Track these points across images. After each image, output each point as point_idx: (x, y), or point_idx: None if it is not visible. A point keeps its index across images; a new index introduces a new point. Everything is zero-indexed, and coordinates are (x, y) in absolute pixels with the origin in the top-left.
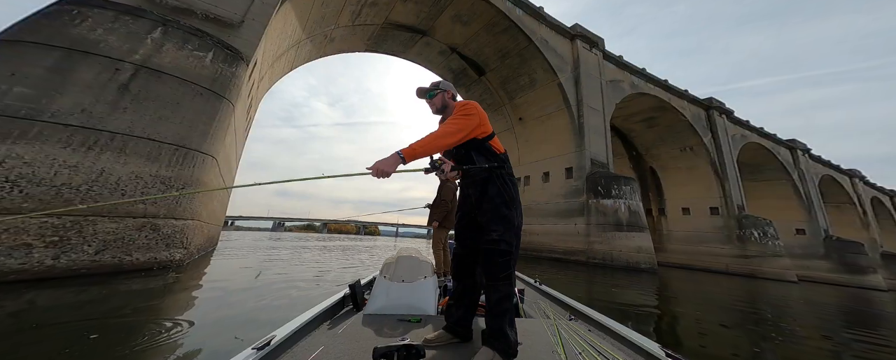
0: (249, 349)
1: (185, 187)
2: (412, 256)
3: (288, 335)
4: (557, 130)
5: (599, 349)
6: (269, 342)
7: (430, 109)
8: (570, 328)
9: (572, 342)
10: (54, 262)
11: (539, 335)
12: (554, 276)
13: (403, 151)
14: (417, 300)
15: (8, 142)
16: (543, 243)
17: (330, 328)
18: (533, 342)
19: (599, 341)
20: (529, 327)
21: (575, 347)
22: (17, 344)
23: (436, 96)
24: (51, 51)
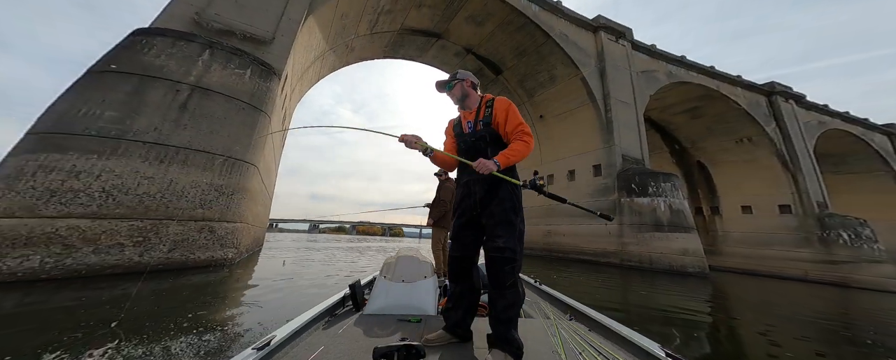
0: (249, 349)
1: (235, 193)
2: (412, 256)
3: (288, 335)
4: (582, 126)
5: (599, 349)
6: (268, 343)
7: (451, 100)
8: (570, 328)
9: (572, 342)
10: (140, 258)
11: (539, 335)
12: (583, 279)
13: (500, 161)
14: (417, 301)
15: (103, 158)
16: (570, 245)
17: (330, 328)
18: (533, 343)
19: (599, 341)
20: (530, 327)
21: (575, 347)
22: (123, 327)
23: (455, 86)
24: (129, 77)
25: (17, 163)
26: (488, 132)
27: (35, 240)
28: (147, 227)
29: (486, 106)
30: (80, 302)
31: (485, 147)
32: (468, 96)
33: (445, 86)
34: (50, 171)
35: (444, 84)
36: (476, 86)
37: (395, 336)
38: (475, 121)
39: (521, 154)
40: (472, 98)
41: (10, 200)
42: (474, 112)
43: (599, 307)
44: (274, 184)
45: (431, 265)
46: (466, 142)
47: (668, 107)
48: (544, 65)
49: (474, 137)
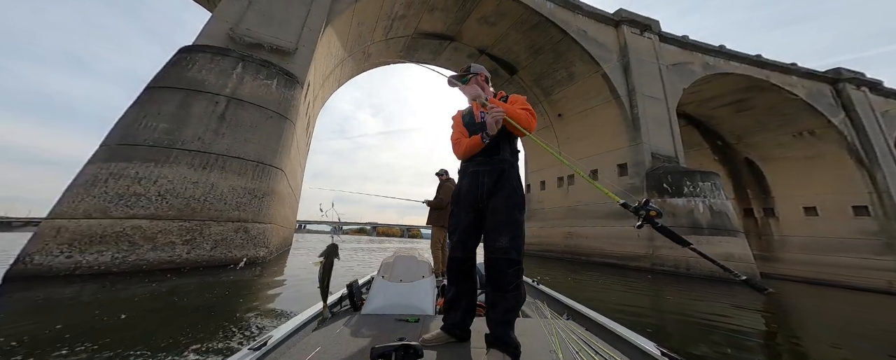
0: (245, 349)
1: (265, 196)
2: (410, 256)
3: (285, 336)
4: (605, 123)
5: (596, 349)
6: (265, 343)
7: (465, 95)
8: (567, 327)
9: (569, 341)
10: (187, 255)
11: (536, 334)
12: (608, 283)
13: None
14: (415, 300)
15: (159, 166)
16: (594, 248)
17: (327, 328)
18: (530, 342)
19: (596, 340)
20: (527, 326)
21: (572, 346)
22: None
23: (470, 81)
24: (177, 92)
25: (93, 171)
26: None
27: (107, 238)
28: (193, 227)
29: (500, 99)
30: (155, 292)
31: (497, 138)
32: (483, 90)
33: (460, 80)
34: (118, 177)
35: (459, 78)
36: (488, 80)
37: (393, 336)
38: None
39: (520, 118)
40: (486, 92)
41: (88, 203)
42: None
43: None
44: (300, 187)
45: (429, 265)
46: (476, 131)
47: (708, 100)
48: (562, 62)
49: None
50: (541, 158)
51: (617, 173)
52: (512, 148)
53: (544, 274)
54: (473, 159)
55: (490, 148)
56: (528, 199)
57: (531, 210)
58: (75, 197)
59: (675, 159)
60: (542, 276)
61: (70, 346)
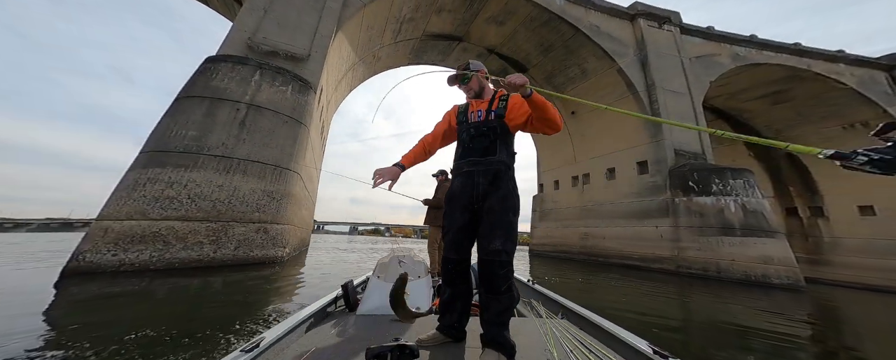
0: (238, 350)
1: (283, 198)
2: (406, 256)
3: (278, 337)
4: (622, 120)
5: (590, 347)
6: (257, 344)
7: (465, 93)
8: (562, 326)
9: (564, 340)
10: (214, 254)
11: (531, 333)
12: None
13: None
14: (411, 300)
15: (189, 170)
16: (612, 249)
17: (322, 329)
18: (525, 341)
19: (590, 339)
20: (521, 326)
21: (566, 345)
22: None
23: (472, 79)
24: (203, 101)
25: (134, 176)
26: (499, 124)
27: (146, 238)
28: (219, 228)
29: (500, 99)
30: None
31: (494, 138)
32: (484, 88)
33: (460, 80)
34: (154, 182)
35: (459, 78)
36: (488, 76)
37: (389, 337)
38: (487, 111)
39: (551, 111)
40: (487, 90)
41: (129, 205)
42: (487, 102)
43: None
44: (316, 189)
45: (425, 265)
46: (474, 130)
47: (739, 93)
48: (574, 59)
49: (485, 127)
50: (553, 158)
51: (636, 172)
52: (508, 150)
53: (559, 276)
54: (468, 159)
55: (486, 148)
56: (541, 199)
57: (545, 210)
58: (119, 200)
59: (702, 156)
60: (557, 278)
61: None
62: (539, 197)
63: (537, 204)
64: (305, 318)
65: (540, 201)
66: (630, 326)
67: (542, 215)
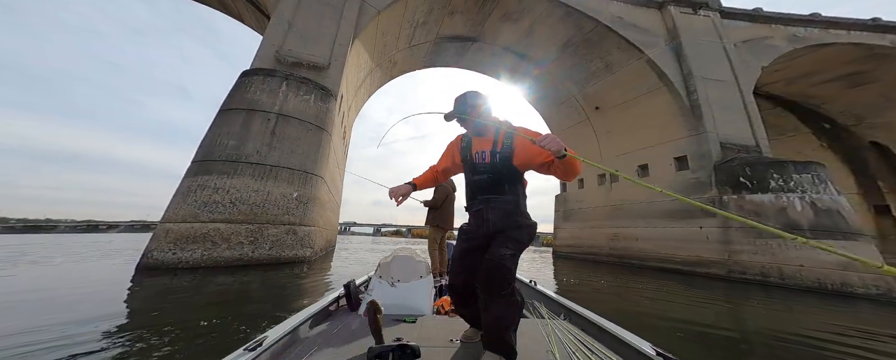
0: (240, 349)
1: (309, 201)
2: (407, 256)
3: (281, 337)
4: (654, 113)
5: (592, 349)
6: (260, 343)
7: (466, 130)
8: (564, 327)
9: (566, 341)
10: (252, 254)
11: (533, 335)
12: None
13: (567, 154)
14: (412, 300)
15: (231, 177)
16: (648, 251)
17: (324, 328)
18: (527, 343)
19: (593, 340)
20: (524, 327)
21: (568, 346)
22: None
23: (466, 120)
24: (241, 112)
25: (188, 183)
26: (505, 166)
27: (197, 238)
28: (256, 229)
29: (504, 138)
30: (238, 281)
31: (502, 182)
32: (484, 126)
33: (459, 118)
34: (203, 188)
35: (458, 114)
36: (489, 109)
37: (391, 336)
38: (491, 152)
39: (578, 167)
40: (488, 128)
41: (184, 209)
42: (490, 141)
43: (720, 339)
44: (340, 193)
45: (427, 265)
46: (478, 172)
47: (802, 77)
48: (595, 52)
49: (491, 172)
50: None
51: (674, 168)
52: (518, 188)
53: (587, 280)
54: (477, 198)
55: (494, 189)
56: (563, 198)
57: (568, 211)
58: (176, 205)
59: (756, 148)
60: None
61: (187, 318)
62: (562, 197)
63: (560, 204)
64: (308, 317)
65: (563, 201)
66: (686, 341)
67: (565, 215)
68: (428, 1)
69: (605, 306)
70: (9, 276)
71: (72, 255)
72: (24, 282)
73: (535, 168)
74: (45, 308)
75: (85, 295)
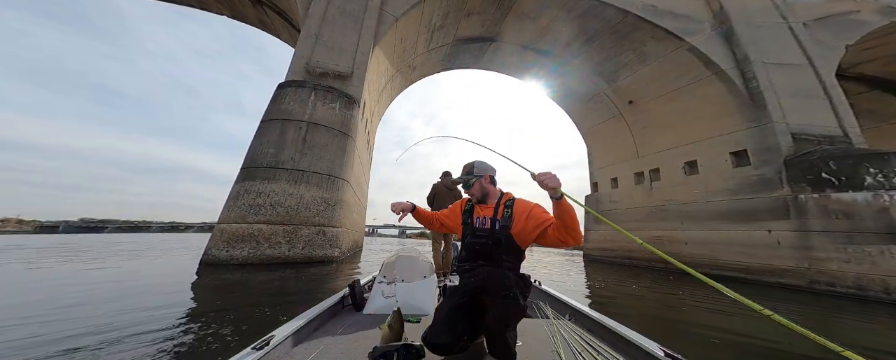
0: (248, 348)
1: (336, 204)
2: (411, 256)
3: (287, 336)
4: (701, 104)
5: (599, 349)
6: (267, 342)
7: (472, 197)
8: (570, 328)
9: (572, 341)
10: (288, 253)
11: (539, 335)
12: (742, 307)
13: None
14: (416, 300)
15: (269, 182)
16: (700, 257)
17: (329, 328)
18: (532, 343)
19: (599, 341)
20: (529, 327)
21: (574, 346)
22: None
23: (474, 185)
24: (278, 122)
25: (237, 188)
26: (504, 236)
27: (245, 238)
28: (291, 230)
29: (505, 205)
30: (284, 276)
31: (499, 252)
32: (488, 194)
33: (464, 184)
34: (249, 193)
35: (463, 182)
36: (494, 180)
37: None
38: (492, 219)
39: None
40: (492, 195)
41: (235, 212)
42: (492, 208)
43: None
44: (366, 195)
45: (430, 265)
46: (477, 238)
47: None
48: (626, 44)
49: (490, 240)
50: (608, 154)
51: (731, 164)
52: (515, 257)
53: (623, 285)
54: (472, 262)
55: (491, 257)
56: (595, 199)
57: (601, 212)
58: (228, 208)
59: (844, 139)
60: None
61: (242, 305)
62: (593, 197)
63: (591, 205)
64: (313, 317)
65: (594, 203)
66: (620, 322)
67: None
68: (444, 4)
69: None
70: (115, 267)
71: (162, 251)
72: (124, 272)
73: (532, 238)
74: (133, 292)
75: (162, 283)
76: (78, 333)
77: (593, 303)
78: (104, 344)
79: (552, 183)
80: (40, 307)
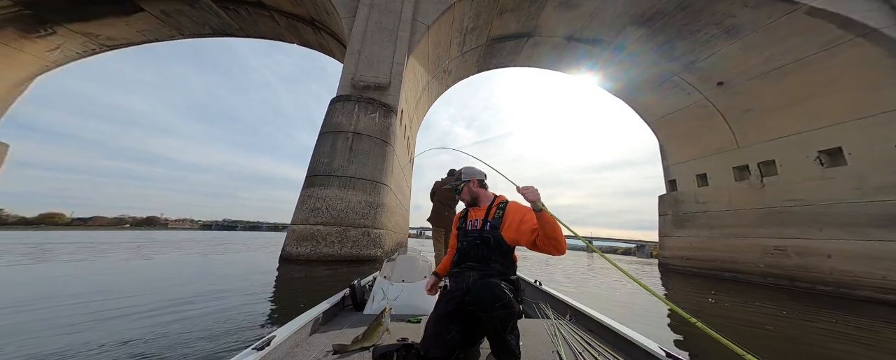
0: (249, 349)
1: (378, 207)
2: (412, 256)
3: (289, 336)
4: (840, 77)
5: (599, 349)
6: (269, 342)
7: (464, 201)
8: (570, 328)
9: (572, 342)
10: (340, 251)
11: (539, 335)
12: None
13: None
14: (417, 300)
15: (324, 188)
16: (856, 274)
17: (330, 328)
18: (533, 343)
19: (599, 341)
20: (530, 327)
21: (575, 347)
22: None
23: (463, 191)
24: (330, 135)
25: (303, 194)
26: (494, 236)
27: (308, 237)
28: (342, 231)
29: (497, 207)
30: (334, 272)
31: (488, 252)
32: (478, 196)
33: (454, 190)
34: (310, 198)
35: (453, 188)
36: (483, 183)
37: (395, 336)
38: (483, 221)
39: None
40: (483, 197)
41: (301, 215)
42: (484, 211)
43: None
44: (408, 198)
45: (431, 265)
46: (469, 240)
47: None
48: (703, 19)
49: (478, 239)
50: (691, 145)
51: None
52: (505, 259)
53: (736, 307)
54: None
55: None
56: (674, 199)
57: (683, 214)
58: (297, 211)
59: None
60: (735, 310)
61: (307, 288)
62: (671, 198)
63: (668, 207)
64: (314, 317)
65: (672, 203)
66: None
67: (678, 220)
68: (475, 6)
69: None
70: (219, 257)
71: (260, 247)
72: (232, 261)
73: (522, 240)
74: (230, 278)
75: (252, 272)
76: (225, 288)
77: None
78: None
79: (531, 196)
80: (213, 275)
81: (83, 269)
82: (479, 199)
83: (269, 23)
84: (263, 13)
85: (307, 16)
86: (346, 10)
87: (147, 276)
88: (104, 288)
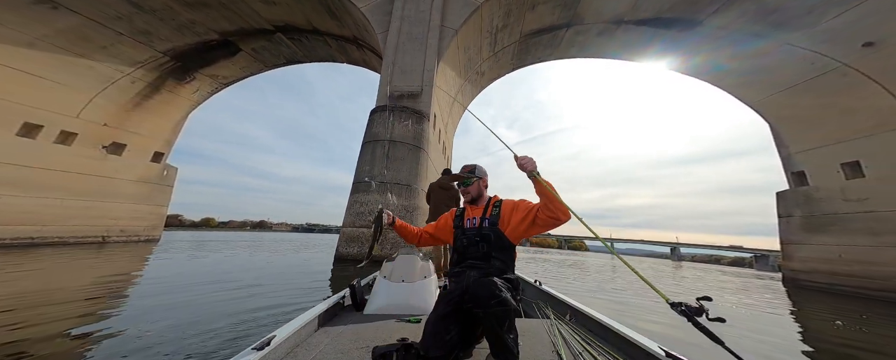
0: (249, 349)
1: (414, 210)
2: (411, 256)
3: (288, 336)
4: None
5: (599, 349)
6: (268, 342)
7: (463, 197)
8: (570, 328)
9: (572, 342)
10: (380, 252)
11: (539, 335)
12: None
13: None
14: (417, 300)
15: (367, 193)
16: None
17: (330, 328)
18: (533, 343)
19: (599, 341)
20: (529, 327)
21: (575, 347)
22: None
23: (473, 184)
24: (370, 144)
25: (350, 199)
26: (493, 232)
27: (355, 239)
28: (382, 233)
29: (493, 205)
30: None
31: (488, 249)
32: (481, 196)
33: (464, 182)
34: (355, 203)
35: (463, 179)
36: (486, 186)
37: (395, 336)
38: (481, 218)
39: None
40: (483, 198)
41: (349, 218)
42: (481, 209)
43: None
44: None
45: (430, 265)
46: (467, 238)
47: None
48: None
49: (478, 236)
50: (825, 127)
51: None
52: (505, 255)
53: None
54: (462, 263)
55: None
56: (804, 196)
57: (820, 216)
58: (346, 215)
59: None
60: None
61: None
62: (798, 194)
63: (793, 206)
64: (314, 317)
65: (802, 201)
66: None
67: (811, 223)
68: (504, 4)
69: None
70: (291, 255)
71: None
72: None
73: (523, 229)
74: (294, 274)
75: (311, 268)
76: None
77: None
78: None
79: (529, 166)
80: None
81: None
82: (481, 198)
83: (324, 47)
84: (318, 38)
85: (351, 35)
86: (381, 25)
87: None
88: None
